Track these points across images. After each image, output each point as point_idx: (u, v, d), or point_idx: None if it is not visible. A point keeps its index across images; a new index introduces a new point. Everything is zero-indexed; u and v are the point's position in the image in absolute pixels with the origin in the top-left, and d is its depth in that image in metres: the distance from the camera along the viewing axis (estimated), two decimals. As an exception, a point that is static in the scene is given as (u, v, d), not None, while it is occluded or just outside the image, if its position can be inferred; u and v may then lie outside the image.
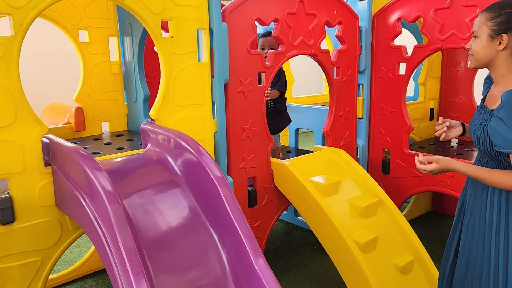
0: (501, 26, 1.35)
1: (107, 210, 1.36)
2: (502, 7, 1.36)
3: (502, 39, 1.36)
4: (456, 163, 1.50)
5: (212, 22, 2.04)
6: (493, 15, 1.37)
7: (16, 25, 1.52)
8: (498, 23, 1.36)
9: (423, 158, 1.54)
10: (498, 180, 1.39)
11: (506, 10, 1.34)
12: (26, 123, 1.58)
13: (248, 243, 1.45)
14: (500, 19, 1.35)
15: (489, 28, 1.38)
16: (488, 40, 1.38)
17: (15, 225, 1.60)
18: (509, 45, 1.36)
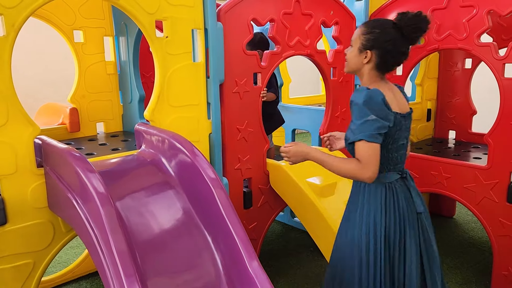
0: (368, 43, 1.50)
1: (99, 212, 1.35)
2: (373, 26, 1.51)
3: (367, 54, 1.51)
4: (312, 149, 1.62)
5: (207, 22, 2.02)
6: (365, 31, 1.52)
7: (8, 25, 1.50)
8: (367, 39, 1.50)
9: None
10: (337, 165, 1.51)
11: (376, 30, 1.49)
12: (18, 123, 1.56)
13: (242, 246, 1.43)
14: (369, 36, 1.50)
15: (361, 41, 1.53)
16: (358, 52, 1.54)
17: (7, 227, 1.58)
18: (372, 60, 1.51)
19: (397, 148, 1.54)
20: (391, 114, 1.46)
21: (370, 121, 1.41)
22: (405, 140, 1.58)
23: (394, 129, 1.49)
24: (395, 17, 1.50)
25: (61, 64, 4.81)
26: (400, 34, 1.48)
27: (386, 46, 1.48)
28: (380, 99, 1.43)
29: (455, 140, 3.28)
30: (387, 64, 1.52)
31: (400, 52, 1.50)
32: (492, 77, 2.31)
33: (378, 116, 1.42)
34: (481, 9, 2.29)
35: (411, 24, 1.47)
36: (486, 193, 2.41)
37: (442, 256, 2.86)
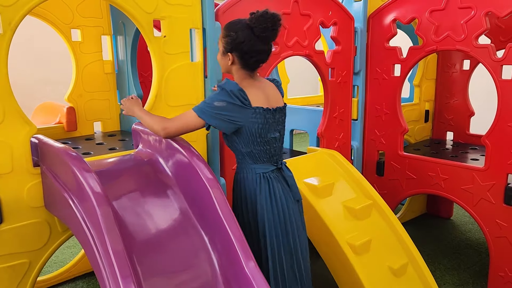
0: (228, 46, 1.59)
1: (95, 212, 1.34)
2: (229, 30, 1.58)
3: (229, 56, 1.60)
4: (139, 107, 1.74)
5: (205, 21, 2.02)
6: (224, 35, 1.60)
7: (4, 23, 1.50)
8: (226, 43, 1.59)
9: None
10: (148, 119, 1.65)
11: (231, 34, 1.57)
12: (15, 123, 1.55)
13: (239, 246, 1.43)
14: (227, 39, 1.58)
15: (222, 45, 1.62)
16: (222, 55, 1.64)
17: (2, 227, 1.57)
18: (236, 62, 1.60)
19: (268, 141, 1.63)
20: (247, 108, 1.55)
21: (214, 105, 1.54)
22: (277, 134, 1.67)
23: (256, 124, 1.58)
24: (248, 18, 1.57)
25: (59, 63, 4.79)
26: (253, 34, 1.55)
27: (243, 47, 1.56)
28: (236, 92, 1.53)
29: (453, 142, 3.29)
30: (248, 63, 1.60)
31: (258, 51, 1.57)
32: (490, 79, 2.31)
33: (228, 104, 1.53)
34: (479, 10, 2.29)
35: (259, 24, 1.54)
36: (483, 195, 2.41)
37: (439, 257, 2.87)
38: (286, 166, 1.75)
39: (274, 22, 1.56)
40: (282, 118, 1.72)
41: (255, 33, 1.55)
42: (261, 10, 1.58)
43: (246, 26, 1.56)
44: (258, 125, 1.60)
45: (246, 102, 1.56)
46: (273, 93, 1.69)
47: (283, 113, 1.72)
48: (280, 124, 1.70)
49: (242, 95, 1.55)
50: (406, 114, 3.04)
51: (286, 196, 1.69)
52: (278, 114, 1.68)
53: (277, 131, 1.68)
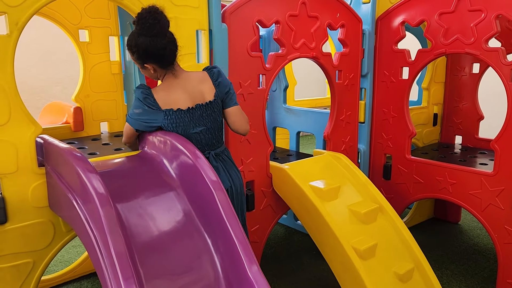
0: (140, 60, 1.70)
1: (98, 213, 1.34)
2: (130, 47, 1.68)
3: (148, 67, 1.71)
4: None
5: (211, 23, 2.01)
6: (131, 53, 1.70)
7: (11, 23, 1.50)
8: (136, 59, 1.71)
9: None
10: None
11: (133, 49, 1.67)
12: (20, 123, 1.56)
13: (242, 249, 1.42)
14: (135, 56, 1.69)
15: (137, 63, 1.74)
16: (144, 71, 1.76)
17: (7, 226, 1.58)
18: (156, 67, 1.72)
19: (188, 136, 1.73)
20: (156, 112, 1.69)
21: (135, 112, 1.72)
22: (199, 128, 1.75)
23: (169, 124, 1.71)
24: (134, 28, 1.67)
25: (68, 63, 4.82)
26: (147, 36, 1.63)
27: (148, 52, 1.65)
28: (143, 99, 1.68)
29: (462, 146, 3.25)
30: (165, 62, 1.70)
31: (162, 47, 1.65)
32: (499, 82, 2.28)
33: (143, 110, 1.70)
34: (489, 13, 2.26)
35: (143, 27, 1.62)
36: (492, 200, 2.38)
37: (446, 262, 2.83)
38: (215, 156, 1.82)
39: (153, 16, 1.62)
40: (207, 113, 1.77)
41: (147, 35, 1.63)
42: (266, 11, 1.63)
43: (137, 34, 1.65)
44: (171, 125, 1.71)
45: (154, 107, 1.69)
46: (197, 88, 1.75)
47: (208, 108, 1.77)
48: (203, 119, 1.76)
49: (148, 101, 1.68)
50: (414, 117, 3.01)
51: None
52: (200, 110, 1.75)
53: (200, 125, 1.76)
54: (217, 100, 1.78)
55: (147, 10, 1.63)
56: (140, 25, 1.63)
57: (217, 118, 1.81)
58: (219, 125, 1.83)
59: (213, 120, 1.79)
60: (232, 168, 1.86)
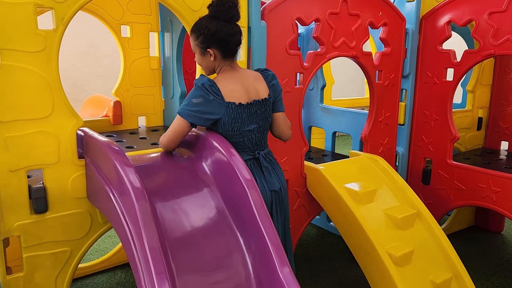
0: (204, 44, 1.66)
1: (134, 207, 1.36)
2: (199, 29, 1.66)
3: (210, 52, 1.67)
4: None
5: (251, 20, 2.00)
6: (195, 36, 1.67)
7: (57, 19, 1.55)
8: (201, 42, 1.66)
9: None
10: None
11: (202, 31, 1.64)
12: (63, 115, 1.60)
13: (274, 250, 1.40)
14: (201, 38, 1.65)
15: (198, 47, 1.69)
16: (202, 56, 1.71)
17: (47, 215, 1.63)
18: (217, 54, 1.67)
19: (241, 134, 1.69)
20: (220, 103, 1.62)
21: (193, 103, 1.61)
22: (253, 126, 1.70)
23: (228, 118, 1.64)
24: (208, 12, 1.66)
25: (110, 58, 4.96)
26: (220, 21, 1.62)
27: (217, 36, 1.62)
28: (208, 87, 1.60)
29: (508, 152, 3.08)
30: (228, 50, 1.67)
31: (232, 34, 1.64)
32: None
33: (204, 100, 1.60)
34: (545, 13, 2.13)
35: (221, 9, 1.61)
36: (539, 211, 2.25)
37: (487, 273, 2.70)
38: (264, 156, 1.77)
39: (233, 1, 1.62)
40: (261, 110, 1.73)
41: (221, 18, 1.62)
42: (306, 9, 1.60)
43: (211, 17, 1.64)
44: (231, 119, 1.65)
45: (219, 97, 1.62)
46: (253, 85, 1.71)
47: (263, 105, 1.73)
48: (258, 116, 1.72)
49: (213, 89, 1.61)
50: (457, 121, 2.88)
51: (263, 185, 1.72)
52: (255, 107, 1.70)
53: (254, 123, 1.71)
54: (271, 99, 1.75)
55: None
56: (217, 7, 1.61)
57: (268, 118, 1.77)
58: (268, 125, 1.79)
59: (265, 118, 1.75)
60: (279, 169, 1.82)
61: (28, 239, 1.61)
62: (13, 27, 1.46)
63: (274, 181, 1.77)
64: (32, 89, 1.53)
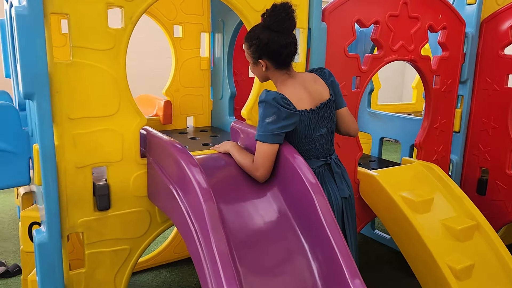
0: (256, 54, 1.62)
1: (201, 208, 1.34)
2: (251, 38, 1.62)
3: (261, 63, 1.63)
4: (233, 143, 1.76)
5: (311, 21, 1.96)
6: (248, 46, 1.64)
7: (126, 17, 1.55)
8: (253, 52, 1.62)
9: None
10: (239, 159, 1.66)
11: (254, 41, 1.60)
12: (128, 113, 1.61)
13: (343, 261, 1.34)
14: (253, 48, 1.62)
15: (250, 56, 1.65)
16: (255, 65, 1.68)
17: (109, 212, 1.64)
18: (269, 65, 1.63)
19: (313, 140, 1.63)
20: (294, 114, 1.55)
21: (267, 123, 1.54)
22: (323, 130, 1.65)
23: (302, 126, 1.59)
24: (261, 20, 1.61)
25: (154, 58, 5.02)
26: (273, 32, 1.56)
27: (269, 48, 1.58)
28: (279, 101, 1.52)
29: None
30: (280, 61, 1.61)
31: (284, 45, 1.58)
32: None
33: (278, 116, 1.53)
34: None
35: (274, 20, 1.55)
36: None
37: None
38: (335, 161, 1.73)
39: (286, 10, 1.56)
40: (328, 112, 1.67)
41: (274, 29, 1.57)
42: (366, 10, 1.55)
43: (263, 28, 1.59)
44: (304, 127, 1.60)
45: (291, 108, 1.55)
46: (314, 88, 1.65)
47: (328, 107, 1.67)
48: (326, 119, 1.67)
49: (285, 101, 1.54)
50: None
51: (334, 191, 1.68)
52: (323, 110, 1.65)
53: (323, 127, 1.66)
54: (333, 98, 1.69)
55: (282, 3, 1.56)
56: (270, 18, 1.57)
57: (334, 119, 1.71)
58: (335, 126, 1.74)
59: (332, 120, 1.70)
60: (347, 174, 1.77)
61: (91, 236, 1.62)
62: (86, 25, 1.47)
63: (344, 188, 1.72)
64: (101, 86, 1.54)
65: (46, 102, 1.43)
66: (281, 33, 1.57)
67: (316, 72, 1.74)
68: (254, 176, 1.61)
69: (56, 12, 1.41)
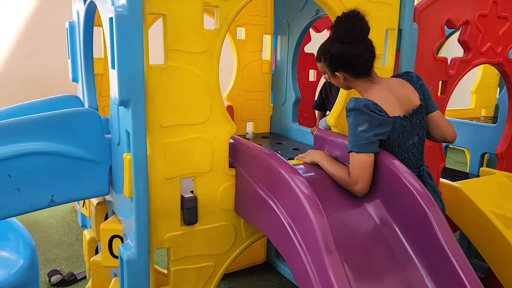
0: (330, 68, 1.57)
1: (311, 225, 1.22)
2: (322, 53, 1.57)
3: (339, 75, 1.56)
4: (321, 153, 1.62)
5: (402, 22, 1.82)
6: (321, 61, 1.59)
7: (222, 18, 1.44)
8: (327, 66, 1.58)
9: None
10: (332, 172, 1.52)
11: (325, 56, 1.56)
12: (219, 121, 1.50)
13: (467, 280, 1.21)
14: (326, 63, 1.57)
15: (326, 71, 1.60)
16: (333, 78, 1.61)
17: (196, 227, 1.53)
18: (347, 76, 1.55)
19: (406, 149, 1.53)
20: (387, 121, 1.44)
21: (360, 131, 1.42)
22: (415, 138, 1.54)
23: (395, 134, 1.49)
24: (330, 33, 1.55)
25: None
26: (343, 43, 1.49)
27: (342, 60, 1.51)
28: (371, 107, 1.42)
29: None
30: (357, 70, 1.53)
31: (358, 55, 1.50)
32: None
33: (371, 124, 1.42)
34: None
35: (341, 31, 1.49)
36: None
37: None
38: (427, 172, 1.62)
39: (352, 20, 1.48)
40: (419, 119, 1.56)
41: (343, 41, 1.49)
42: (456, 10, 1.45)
43: (333, 40, 1.53)
44: (397, 135, 1.50)
45: (384, 114, 1.45)
46: (403, 93, 1.54)
47: (420, 113, 1.56)
48: (418, 127, 1.55)
49: (376, 107, 1.44)
50: None
51: None
52: (415, 117, 1.54)
53: (415, 135, 1.55)
54: (423, 104, 1.57)
55: (346, 14, 1.50)
56: (336, 30, 1.51)
57: (425, 126, 1.59)
58: (425, 134, 1.62)
59: (423, 127, 1.58)
60: (436, 186, 1.65)
61: (177, 252, 1.51)
62: (182, 26, 1.37)
63: (438, 202, 1.57)
64: (193, 92, 1.43)
65: (141, 109, 1.33)
66: (352, 43, 1.49)
67: (402, 77, 1.62)
68: (352, 190, 1.48)
69: (153, 12, 1.31)
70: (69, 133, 1.51)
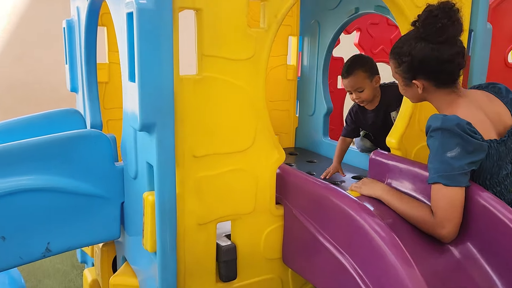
0: (407, 74, 1.25)
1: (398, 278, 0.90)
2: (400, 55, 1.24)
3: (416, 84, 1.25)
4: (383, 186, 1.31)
5: (474, 22, 1.51)
6: (396, 64, 1.27)
7: (270, 15, 1.11)
8: (404, 72, 1.26)
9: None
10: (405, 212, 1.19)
11: (403, 58, 1.23)
12: (265, 147, 1.16)
13: None
14: (403, 67, 1.25)
15: (400, 77, 1.28)
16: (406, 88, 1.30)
17: (234, 283, 1.19)
18: (427, 86, 1.24)
19: (499, 181, 1.22)
20: (483, 145, 1.14)
21: (450, 158, 1.11)
22: (509, 167, 1.23)
23: (489, 163, 1.18)
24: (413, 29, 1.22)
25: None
26: (430, 44, 1.18)
27: (426, 66, 1.20)
28: (465, 128, 1.11)
29: None
30: (442, 80, 1.22)
31: (449, 60, 1.18)
32: None
33: (464, 149, 1.11)
34: None
35: (430, 29, 1.16)
36: None
37: None
38: None
39: (448, 14, 1.15)
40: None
41: (433, 40, 1.18)
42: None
43: (417, 39, 1.20)
44: (491, 163, 1.19)
45: (479, 137, 1.14)
46: (492, 109, 1.24)
47: None
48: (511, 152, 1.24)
49: (470, 129, 1.13)
50: None
51: None
52: (510, 140, 1.23)
53: (509, 163, 1.24)
54: None
55: (440, 6, 1.16)
56: (424, 27, 1.18)
57: None
58: None
59: None
60: None
61: (212, 316, 1.17)
62: (223, 25, 1.04)
63: None
64: (235, 111, 1.10)
65: (170, 135, 0.99)
66: (442, 44, 1.17)
67: (487, 89, 1.31)
68: (436, 234, 1.14)
69: (187, 6, 0.99)
70: (70, 162, 1.17)
